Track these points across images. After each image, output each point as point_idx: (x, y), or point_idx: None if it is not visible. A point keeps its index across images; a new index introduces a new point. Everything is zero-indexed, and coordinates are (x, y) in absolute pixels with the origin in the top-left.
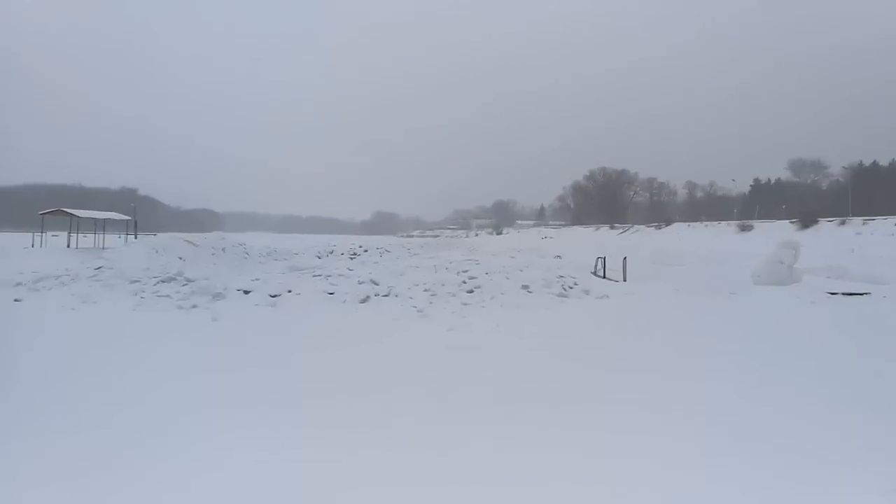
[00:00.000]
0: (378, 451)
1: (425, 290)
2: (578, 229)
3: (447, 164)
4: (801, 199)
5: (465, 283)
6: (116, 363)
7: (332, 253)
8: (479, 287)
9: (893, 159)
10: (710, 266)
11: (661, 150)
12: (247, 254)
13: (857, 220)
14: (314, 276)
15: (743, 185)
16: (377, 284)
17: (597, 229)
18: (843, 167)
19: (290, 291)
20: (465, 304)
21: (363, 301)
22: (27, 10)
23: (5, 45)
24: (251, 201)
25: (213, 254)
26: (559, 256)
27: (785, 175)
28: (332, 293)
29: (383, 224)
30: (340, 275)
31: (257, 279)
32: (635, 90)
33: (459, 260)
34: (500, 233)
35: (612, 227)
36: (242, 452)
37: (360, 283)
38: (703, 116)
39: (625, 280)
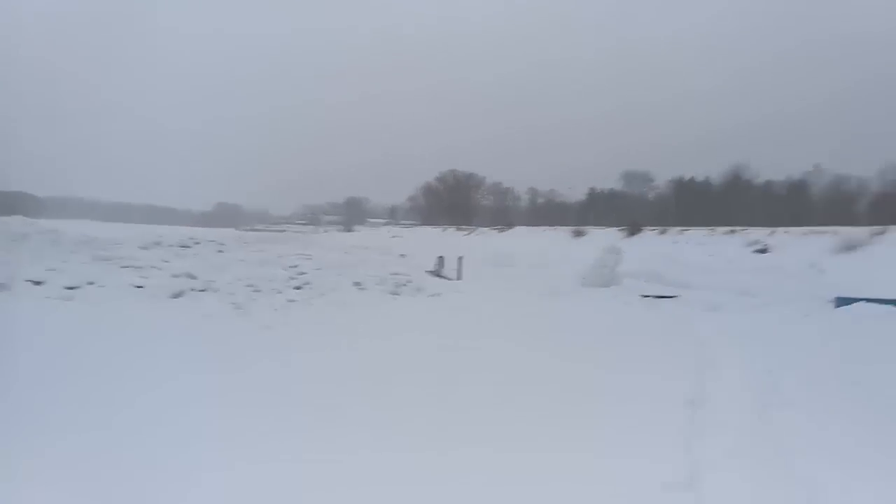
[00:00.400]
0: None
1: (248, 286)
2: (428, 229)
3: (297, 156)
4: (630, 208)
5: (293, 279)
6: None
7: (158, 244)
8: (308, 283)
9: (707, 177)
10: (544, 268)
11: (507, 158)
12: (58, 242)
13: (676, 229)
14: (122, 266)
15: (580, 194)
16: (194, 278)
17: (444, 230)
18: (667, 181)
19: (91, 283)
20: (292, 300)
21: (176, 296)
22: None
23: None
24: (77, 185)
25: (13, 240)
26: (404, 255)
27: (618, 185)
28: (140, 286)
29: (225, 216)
30: (154, 266)
31: (53, 269)
32: (493, 102)
33: (290, 255)
34: (350, 230)
35: (458, 229)
36: None
37: (174, 276)
38: (548, 130)
39: (459, 279)
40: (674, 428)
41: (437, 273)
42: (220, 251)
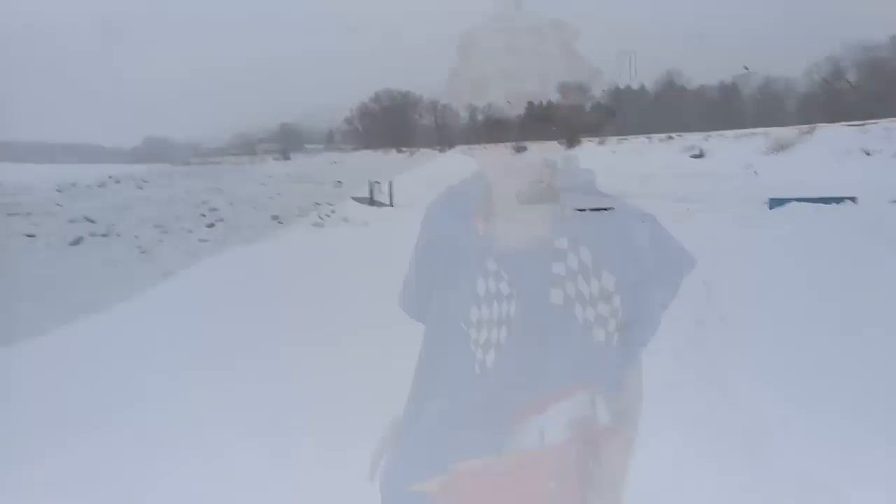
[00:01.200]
0: None
1: (156, 227)
2: (367, 153)
3: (225, 80)
4: (568, 120)
5: (204, 216)
6: None
7: (74, 185)
8: (221, 220)
9: (642, 84)
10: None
11: (443, 72)
12: None
13: (614, 139)
14: (10, 214)
15: (518, 108)
16: (94, 222)
17: (385, 153)
18: (603, 90)
19: None
20: (203, 240)
21: (74, 243)
22: None
23: None
24: None
25: None
26: (340, 182)
27: (555, 97)
28: (32, 235)
29: (156, 151)
30: (47, 212)
31: None
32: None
33: (199, 189)
34: (287, 158)
35: (399, 151)
36: None
37: (71, 221)
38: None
39: (391, 205)
40: None
41: (369, 200)
42: (140, 188)
